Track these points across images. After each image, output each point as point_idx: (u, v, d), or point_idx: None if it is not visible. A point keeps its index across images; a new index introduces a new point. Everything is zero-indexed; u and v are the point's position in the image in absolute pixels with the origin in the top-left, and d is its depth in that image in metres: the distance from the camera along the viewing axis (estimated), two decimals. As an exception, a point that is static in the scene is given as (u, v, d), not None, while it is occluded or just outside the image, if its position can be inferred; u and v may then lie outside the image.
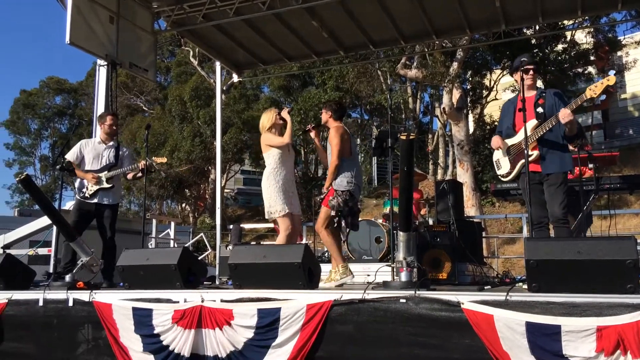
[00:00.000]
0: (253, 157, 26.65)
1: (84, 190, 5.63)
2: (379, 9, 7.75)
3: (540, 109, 4.47)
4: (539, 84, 4.44)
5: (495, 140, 4.68)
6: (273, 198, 5.19)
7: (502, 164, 4.71)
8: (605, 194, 6.37)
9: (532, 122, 4.43)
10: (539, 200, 4.43)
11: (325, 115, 5.44)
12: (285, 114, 5.43)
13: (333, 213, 5.04)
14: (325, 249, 8.97)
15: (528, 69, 4.55)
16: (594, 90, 4.09)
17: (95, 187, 5.61)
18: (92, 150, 5.76)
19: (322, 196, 5.23)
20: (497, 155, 4.78)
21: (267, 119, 5.45)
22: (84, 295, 4.35)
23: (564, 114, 4.16)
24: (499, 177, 4.82)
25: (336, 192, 5.09)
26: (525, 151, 4.25)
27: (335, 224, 5.16)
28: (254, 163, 28.11)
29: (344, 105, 5.90)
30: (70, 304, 4.36)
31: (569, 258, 3.15)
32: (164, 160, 6.31)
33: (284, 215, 5.15)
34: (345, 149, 5.16)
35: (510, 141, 4.64)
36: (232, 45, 8.85)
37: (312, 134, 5.70)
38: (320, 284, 4.54)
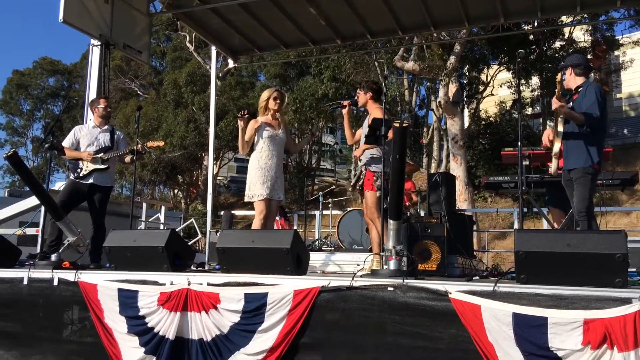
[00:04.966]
0: (247, 145, 26.52)
1: (79, 170, 5.55)
2: (378, -2, 7.66)
3: (570, 104, 4.51)
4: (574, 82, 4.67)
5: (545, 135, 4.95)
6: (253, 182, 5.20)
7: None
8: (597, 191, 6.35)
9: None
10: (572, 195, 4.50)
11: (363, 96, 5.21)
12: (249, 125, 5.26)
13: (379, 194, 4.82)
14: (317, 238, 8.93)
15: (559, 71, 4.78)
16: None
17: (92, 167, 5.53)
18: (87, 135, 5.69)
19: (358, 182, 5.13)
20: None
21: (262, 99, 5.41)
22: (69, 275, 4.31)
23: (552, 102, 4.32)
24: None
25: (376, 174, 4.96)
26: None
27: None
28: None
29: (382, 86, 5.67)
30: (55, 283, 4.33)
31: (558, 250, 3.14)
32: (161, 143, 6.18)
33: (261, 199, 5.15)
34: None
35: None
36: (228, 29, 8.74)
37: (345, 111, 5.42)
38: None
